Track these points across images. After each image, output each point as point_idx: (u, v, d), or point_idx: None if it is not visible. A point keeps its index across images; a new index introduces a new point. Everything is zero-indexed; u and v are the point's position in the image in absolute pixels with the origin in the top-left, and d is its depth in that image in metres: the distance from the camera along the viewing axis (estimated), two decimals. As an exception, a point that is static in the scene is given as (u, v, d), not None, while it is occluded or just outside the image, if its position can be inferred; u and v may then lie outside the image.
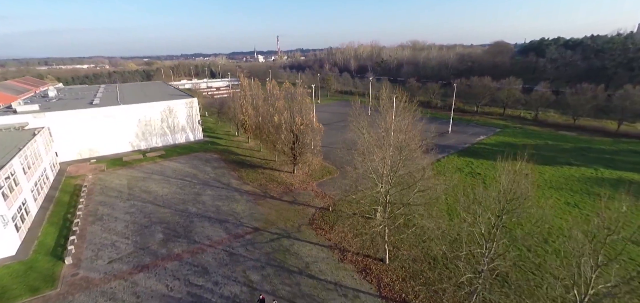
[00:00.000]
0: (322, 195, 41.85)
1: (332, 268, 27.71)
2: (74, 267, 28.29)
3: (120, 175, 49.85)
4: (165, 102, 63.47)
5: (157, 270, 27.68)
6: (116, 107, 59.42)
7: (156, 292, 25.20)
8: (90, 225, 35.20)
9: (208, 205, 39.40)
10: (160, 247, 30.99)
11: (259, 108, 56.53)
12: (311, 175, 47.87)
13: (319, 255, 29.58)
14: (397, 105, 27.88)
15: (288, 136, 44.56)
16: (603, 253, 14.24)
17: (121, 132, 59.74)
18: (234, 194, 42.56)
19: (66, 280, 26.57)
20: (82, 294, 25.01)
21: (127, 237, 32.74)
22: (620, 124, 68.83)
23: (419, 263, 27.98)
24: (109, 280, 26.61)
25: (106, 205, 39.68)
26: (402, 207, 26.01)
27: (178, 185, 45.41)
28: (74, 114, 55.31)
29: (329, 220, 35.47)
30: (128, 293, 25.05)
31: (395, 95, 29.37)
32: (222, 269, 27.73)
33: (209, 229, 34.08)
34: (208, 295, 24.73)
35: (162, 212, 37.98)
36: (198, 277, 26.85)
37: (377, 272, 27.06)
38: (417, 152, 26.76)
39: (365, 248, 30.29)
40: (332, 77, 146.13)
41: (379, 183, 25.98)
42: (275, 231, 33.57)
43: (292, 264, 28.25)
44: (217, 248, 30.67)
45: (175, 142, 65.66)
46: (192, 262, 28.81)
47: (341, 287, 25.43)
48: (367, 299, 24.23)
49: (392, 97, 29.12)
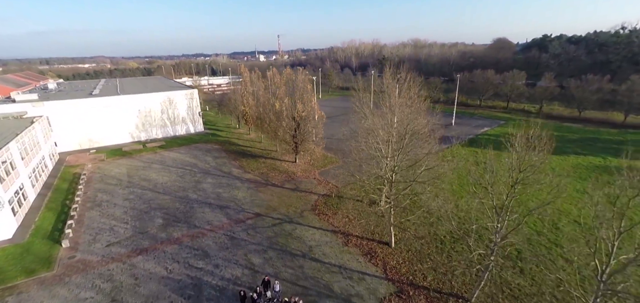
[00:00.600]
0: (324, 182, 41.06)
1: (336, 251, 26.91)
2: (71, 250, 27.57)
3: (119, 164, 49.17)
4: (165, 93, 62.78)
5: (156, 253, 26.93)
6: (116, 97, 58.78)
7: (155, 274, 24.45)
8: (89, 210, 34.50)
9: (208, 192, 38.66)
10: (160, 232, 30.26)
11: (260, 98, 55.76)
12: (313, 164, 47.08)
13: (322, 239, 28.79)
14: (401, 85, 27.09)
15: (289, 124, 43.78)
16: (627, 218, 13.41)
17: (121, 123, 59.05)
18: (235, 182, 41.81)
19: (63, 263, 25.85)
20: (79, 276, 24.29)
21: (126, 222, 32.02)
22: (627, 116, 67.83)
23: (426, 247, 27.15)
24: (106, 262, 25.88)
25: (105, 192, 38.99)
26: (408, 186, 25.18)
27: (178, 174, 44.68)
28: (73, 103, 54.67)
29: (332, 205, 34.68)
30: (126, 275, 24.32)
31: (399, 75, 28.54)
32: (223, 253, 26.96)
33: (210, 215, 33.34)
34: (208, 278, 23.97)
35: (161, 198, 37.26)
36: (198, 260, 26.09)
37: (383, 255, 26.24)
38: (422, 122, 25.81)
39: (370, 232, 29.50)
40: (333, 72, 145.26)
41: (385, 160, 25.17)
42: (277, 216, 32.80)
43: (295, 248, 27.47)
44: (218, 233, 29.92)
45: (175, 133, 64.96)
46: (192, 245, 28.06)
47: (346, 270, 24.64)
48: (372, 281, 23.43)
49: (396, 77, 28.32)
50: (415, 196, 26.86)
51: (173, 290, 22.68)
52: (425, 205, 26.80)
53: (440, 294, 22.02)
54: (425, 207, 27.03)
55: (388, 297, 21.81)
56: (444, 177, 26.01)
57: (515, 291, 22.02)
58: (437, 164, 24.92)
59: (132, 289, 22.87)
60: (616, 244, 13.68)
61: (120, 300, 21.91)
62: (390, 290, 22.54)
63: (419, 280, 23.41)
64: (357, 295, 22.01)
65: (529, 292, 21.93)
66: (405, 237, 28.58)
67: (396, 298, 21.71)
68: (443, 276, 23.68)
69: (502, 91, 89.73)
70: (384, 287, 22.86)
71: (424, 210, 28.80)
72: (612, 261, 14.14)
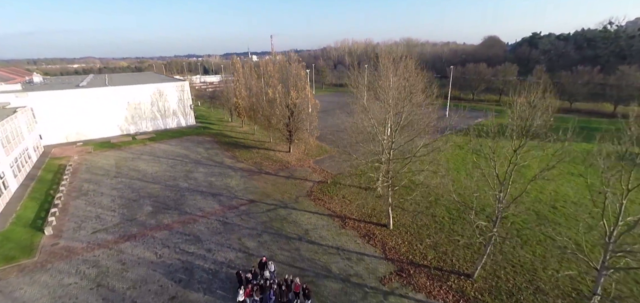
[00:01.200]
0: (319, 170, 40.27)
1: (333, 234, 26.13)
2: (54, 237, 26.20)
3: (108, 156, 47.58)
4: (155, 84, 61.24)
5: (145, 239, 25.75)
6: (104, 89, 57.06)
7: (144, 259, 23.30)
8: (74, 200, 33.04)
9: (200, 181, 37.51)
10: (149, 218, 29.05)
11: (253, 88, 54.75)
12: (307, 154, 46.24)
13: (318, 222, 27.99)
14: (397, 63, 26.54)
15: (283, 111, 42.87)
16: (634, 175, 12.98)
17: (109, 116, 57.28)
18: (228, 171, 40.73)
19: (45, 250, 24.49)
20: (62, 262, 22.98)
21: (113, 210, 30.71)
22: (616, 106, 68.78)
23: (425, 227, 26.58)
24: (92, 249, 24.61)
25: (92, 183, 37.49)
26: (406, 165, 24.59)
27: (169, 164, 43.36)
28: (59, 94, 52.80)
29: (328, 191, 33.90)
30: (113, 261, 23.11)
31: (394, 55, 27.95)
32: (216, 237, 25.94)
33: (202, 202, 32.24)
34: (200, 262, 22.92)
35: (151, 187, 35.97)
36: (189, 244, 25.01)
37: (381, 237, 25.55)
38: (420, 98, 25.34)
39: (368, 215, 28.82)
40: (326, 69, 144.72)
41: (382, 138, 24.56)
42: (271, 202, 31.87)
43: (291, 231, 26.60)
44: (210, 219, 28.86)
45: (166, 126, 63.38)
46: (183, 231, 26.95)
47: (344, 251, 23.88)
48: (372, 261, 22.71)
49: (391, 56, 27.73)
50: (413, 175, 26.29)
51: (163, 274, 21.60)
52: (424, 183, 26.22)
53: (442, 271, 21.42)
54: (424, 185, 26.45)
55: (388, 276, 21.12)
56: (442, 151, 25.50)
57: (518, 266, 21.59)
58: (435, 140, 24.44)
59: (119, 274, 21.70)
60: (624, 203, 13.23)
61: (106, 284, 20.73)
62: (390, 269, 21.86)
63: (419, 259, 22.79)
64: (357, 275, 21.27)
65: (531, 266, 21.52)
66: (404, 218, 28.01)
67: (396, 277, 21.03)
68: (443, 255, 23.11)
69: (495, 85, 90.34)
70: (383, 266, 22.17)
71: (423, 188, 28.22)
72: (620, 222, 13.70)
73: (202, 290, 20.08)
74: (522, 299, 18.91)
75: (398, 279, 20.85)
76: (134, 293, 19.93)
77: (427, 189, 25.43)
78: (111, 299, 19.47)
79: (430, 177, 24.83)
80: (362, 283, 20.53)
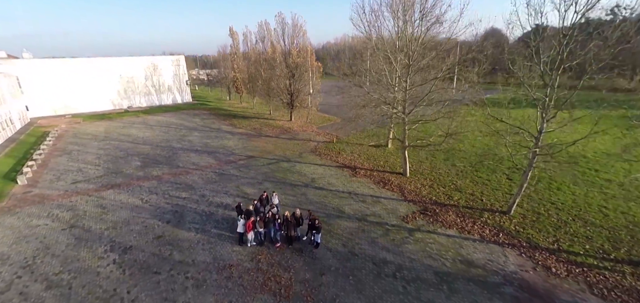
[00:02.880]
0: (324, 134, 37.32)
1: (343, 181, 23.16)
2: (28, 186, 23.20)
3: (97, 125, 44.55)
4: (149, 57, 58.24)
5: (130, 188, 22.72)
6: (95, 60, 54.04)
7: (127, 204, 20.29)
8: (56, 157, 30.03)
9: (195, 143, 34.52)
10: (137, 172, 26.05)
11: (251, 58, 51.79)
12: (310, 122, 43.32)
13: (326, 172, 25.04)
14: None
15: (283, 71, 39.88)
16: None
17: (101, 89, 54.24)
18: (225, 135, 37.77)
19: (16, 197, 21.48)
20: (33, 207, 19.97)
21: (97, 165, 27.69)
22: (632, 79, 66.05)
23: (446, 175, 23.70)
24: (69, 196, 21.59)
25: (77, 145, 34.45)
26: (419, 120, 22.19)
27: (162, 131, 40.38)
28: (46, 63, 49.81)
29: (335, 149, 30.97)
30: (92, 206, 20.09)
31: None
32: (211, 185, 22.93)
33: (196, 158, 29.27)
34: (193, 205, 19.91)
35: (141, 148, 32.97)
36: (181, 191, 22.01)
37: (398, 182, 22.63)
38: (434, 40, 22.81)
39: (381, 166, 25.93)
40: (327, 56, 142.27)
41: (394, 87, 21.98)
42: (272, 157, 28.92)
43: (296, 180, 23.63)
44: (205, 171, 25.86)
45: (161, 102, 60.37)
46: (174, 181, 23.95)
47: (357, 195, 20.92)
48: (390, 203, 19.77)
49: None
50: (426, 123, 23.62)
51: (148, 216, 18.60)
52: (443, 129, 23.36)
53: (472, 209, 18.50)
54: (442, 129, 23.59)
55: (411, 215, 18.17)
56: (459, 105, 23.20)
57: (558, 203, 18.73)
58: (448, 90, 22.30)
59: (98, 217, 18.68)
60: None
61: (82, 226, 17.72)
62: (413, 209, 18.91)
63: (444, 200, 19.87)
64: (375, 215, 18.31)
65: (574, 203, 18.66)
66: (421, 167, 25.14)
67: (420, 215, 18.09)
68: (471, 195, 20.23)
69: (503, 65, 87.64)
70: (404, 207, 19.22)
71: (440, 133, 25.45)
72: None
73: (194, 230, 17.09)
74: (572, 231, 16.01)
75: (423, 217, 17.91)
76: (114, 233, 16.94)
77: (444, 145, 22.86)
78: (85, 238, 16.47)
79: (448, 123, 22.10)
80: (381, 221, 17.57)
